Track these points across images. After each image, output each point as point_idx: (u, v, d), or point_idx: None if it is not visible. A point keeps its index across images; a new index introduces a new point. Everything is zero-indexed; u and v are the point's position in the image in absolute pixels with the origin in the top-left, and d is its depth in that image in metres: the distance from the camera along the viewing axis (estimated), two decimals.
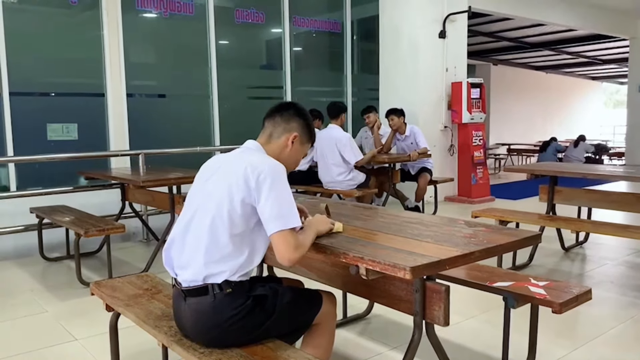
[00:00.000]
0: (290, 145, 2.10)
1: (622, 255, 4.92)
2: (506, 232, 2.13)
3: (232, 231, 1.86)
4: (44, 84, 5.91)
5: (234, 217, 1.86)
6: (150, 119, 6.60)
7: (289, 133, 2.10)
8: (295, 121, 2.11)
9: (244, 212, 1.86)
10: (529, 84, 17.83)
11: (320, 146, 5.82)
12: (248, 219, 1.87)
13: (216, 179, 1.95)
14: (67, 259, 4.97)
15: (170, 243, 2.02)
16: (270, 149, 2.08)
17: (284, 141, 2.09)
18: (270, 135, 2.11)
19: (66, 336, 3.21)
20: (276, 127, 2.11)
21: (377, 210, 2.74)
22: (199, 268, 1.88)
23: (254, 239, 1.91)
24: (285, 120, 2.11)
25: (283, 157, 2.08)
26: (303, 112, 2.16)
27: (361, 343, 3.08)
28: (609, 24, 11.47)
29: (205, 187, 1.98)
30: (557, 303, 2.30)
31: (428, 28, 7.72)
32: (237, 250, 1.88)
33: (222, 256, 1.87)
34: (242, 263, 1.88)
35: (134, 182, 4.54)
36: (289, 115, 2.12)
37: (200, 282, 1.88)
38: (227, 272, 1.87)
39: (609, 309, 3.56)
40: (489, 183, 8.24)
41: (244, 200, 1.85)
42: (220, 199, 1.88)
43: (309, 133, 2.16)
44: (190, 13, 6.70)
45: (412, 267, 1.66)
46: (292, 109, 2.14)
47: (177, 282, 1.98)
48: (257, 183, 1.84)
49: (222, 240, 1.87)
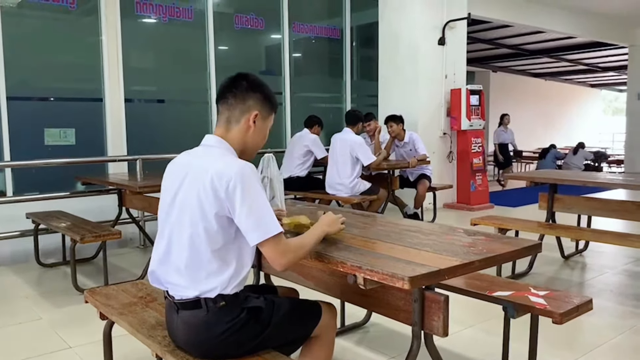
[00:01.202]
0: (253, 125, 1.92)
1: (621, 264, 4.89)
2: (506, 242, 2.10)
3: (213, 247, 1.77)
4: (41, 88, 5.89)
5: (211, 233, 1.76)
6: (148, 124, 6.57)
7: (248, 113, 1.90)
8: (251, 98, 1.91)
9: (221, 226, 1.76)
10: (528, 91, 17.85)
11: (333, 148, 5.91)
12: (226, 231, 1.78)
13: (184, 194, 1.82)
14: (63, 265, 4.93)
15: (155, 266, 1.93)
16: (231, 138, 1.91)
17: (245, 124, 1.91)
18: (228, 121, 1.92)
19: (60, 344, 3.17)
20: (232, 110, 1.91)
21: (376, 217, 2.71)
22: (190, 289, 1.81)
23: (239, 248, 1.82)
24: (240, 100, 1.90)
25: (247, 140, 1.93)
26: (257, 82, 1.94)
27: (359, 352, 3.04)
28: (608, 31, 11.49)
29: (175, 203, 1.85)
30: (557, 313, 2.27)
31: (427, 35, 7.71)
32: (223, 264, 1.80)
33: (208, 273, 1.79)
34: (231, 275, 1.81)
35: (131, 188, 4.51)
36: (242, 92, 1.90)
37: (192, 297, 1.82)
38: (219, 287, 1.80)
39: (608, 319, 3.53)
40: (488, 190, 8.22)
41: (217, 214, 1.74)
42: (193, 214, 1.77)
43: (270, 104, 1.96)
44: (189, 19, 6.70)
45: (410, 277, 1.62)
46: (244, 83, 1.92)
47: (169, 295, 1.91)
48: (226, 194, 1.71)
49: (205, 258, 1.78)
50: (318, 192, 6.06)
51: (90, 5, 6.00)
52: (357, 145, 5.72)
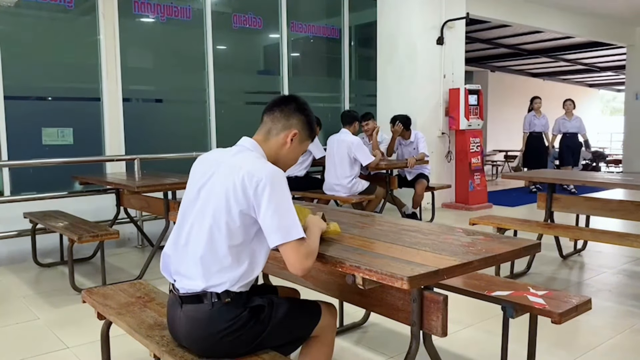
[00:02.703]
0: (289, 143, 2.00)
1: (620, 264, 4.89)
2: (505, 241, 2.09)
3: (231, 242, 1.80)
4: (39, 88, 5.87)
5: (232, 229, 1.80)
6: (146, 124, 6.55)
7: (288, 130, 1.99)
8: (295, 117, 2.00)
9: (243, 223, 1.80)
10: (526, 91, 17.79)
11: (330, 149, 5.89)
12: (247, 229, 1.81)
13: (211, 186, 1.87)
14: (61, 264, 4.92)
15: (169, 251, 1.96)
16: (267, 146, 1.98)
17: (283, 138, 1.99)
18: (268, 131, 2.00)
19: (58, 344, 3.16)
20: (275, 123, 2.00)
21: (375, 217, 2.71)
22: (199, 280, 1.83)
23: (254, 249, 1.85)
24: (285, 116, 2.00)
25: (281, 155, 2.00)
26: (304, 107, 2.05)
27: (358, 352, 3.03)
28: (606, 31, 11.50)
29: (200, 194, 1.90)
30: (556, 313, 2.26)
31: (426, 34, 7.71)
32: (236, 261, 1.82)
33: (221, 268, 1.81)
34: (242, 274, 1.83)
35: (129, 188, 4.50)
36: (289, 110, 2.01)
37: (198, 291, 1.84)
38: (227, 283, 1.82)
39: (607, 318, 3.53)
40: (487, 190, 8.22)
41: (242, 212, 1.78)
42: (217, 209, 1.81)
43: (309, 130, 2.05)
44: (187, 18, 6.68)
45: (409, 277, 1.62)
46: (293, 104, 2.02)
47: (174, 288, 1.93)
48: (255, 193, 1.76)
49: (221, 252, 1.81)
50: (316, 191, 6.06)
51: (88, 5, 5.98)
52: (355, 146, 5.71)
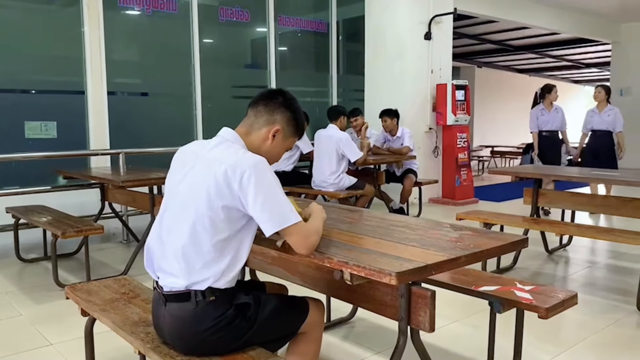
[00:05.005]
0: (271, 139, 1.92)
1: (604, 258, 4.94)
2: (493, 237, 2.09)
3: (217, 237, 1.76)
4: (22, 81, 5.77)
5: (217, 223, 1.75)
6: (131, 117, 6.48)
7: (271, 126, 1.92)
8: (280, 113, 1.93)
9: (228, 217, 1.76)
10: (512, 87, 17.95)
11: (318, 144, 5.87)
12: (234, 222, 1.78)
13: (191, 179, 1.82)
14: (44, 260, 4.85)
15: (152, 245, 1.92)
16: (249, 140, 1.91)
17: (265, 134, 1.92)
18: (251, 125, 1.93)
19: (41, 340, 3.11)
20: (258, 117, 1.93)
21: (363, 212, 2.69)
22: (182, 276, 1.79)
23: (238, 244, 1.82)
24: (269, 110, 1.93)
25: (263, 151, 1.91)
26: (291, 102, 1.97)
27: (345, 348, 3.03)
28: (591, 28, 11.60)
29: (180, 188, 1.86)
30: (543, 308, 2.27)
31: (414, 29, 7.70)
32: (219, 255, 1.78)
33: (204, 263, 1.78)
34: (225, 267, 1.79)
35: (114, 182, 4.44)
36: (274, 105, 1.93)
37: (182, 289, 1.80)
38: (211, 279, 1.78)
39: (592, 313, 3.56)
40: (473, 185, 8.26)
41: (226, 206, 1.74)
42: (199, 206, 1.76)
43: (294, 126, 1.97)
44: (173, 10, 6.60)
45: (397, 273, 1.61)
46: (280, 98, 1.95)
47: (158, 286, 1.89)
48: (240, 185, 1.71)
49: (205, 247, 1.77)
50: (304, 187, 6.04)
51: None
52: (344, 142, 5.69)
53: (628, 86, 12.44)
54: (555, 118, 6.98)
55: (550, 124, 6.99)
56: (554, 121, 6.98)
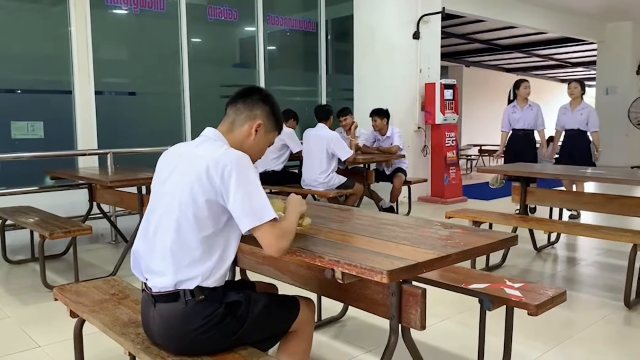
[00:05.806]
0: (254, 134, 1.96)
1: (592, 256, 4.99)
2: (482, 234, 2.10)
3: (202, 233, 1.77)
4: (8, 80, 5.71)
5: (201, 219, 1.76)
6: (119, 117, 6.44)
7: (252, 121, 1.95)
8: (259, 108, 1.97)
9: (212, 212, 1.76)
10: (500, 86, 18.04)
11: (307, 143, 5.85)
12: (217, 218, 1.78)
13: (176, 178, 1.84)
14: (32, 261, 4.80)
15: (138, 247, 1.92)
16: (231, 138, 1.94)
17: (247, 129, 1.95)
18: (232, 123, 1.96)
19: (29, 342, 3.08)
20: (238, 114, 1.96)
21: (353, 211, 2.70)
22: (170, 275, 1.79)
23: (224, 241, 1.82)
24: (248, 107, 1.96)
25: (246, 147, 1.94)
26: (269, 97, 2.01)
27: (336, 346, 3.03)
28: (578, 27, 11.71)
29: (165, 188, 1.87)
30: (532, 305, 2.28)
31: (402, 29, 7.72)
32: (206, 252, 1.78)
33: (192, 260, 1.78)
34: (213, 266, 1.79)
35: (102, 182, 4.41)
36: (252, 101, 1.97)
37: (171, 288, 1.80)
38: (199, 277, 1.78)
39: (580, 310, 3.59)
40: (462, 184, 8.30)
41: (209, 200, 1.75)
42: (182, 201, 1.77)
43: (275, 121, 2.01)
44: (161, 9, 6.57)
45: (389, 271, 1.61)
46: (257, 95, 1.99)
47: (146, 287, 1.88)
48: (222, 179, 1.73)
49: (191, 244, 1.77)
50: (294, 186, 6.03)
51: None
52: (334, 140, 5.70)
53: (614, 85, 12.57)
54: (528, 115, 6.51)
55: (522, 122, 6.52)
56: (526, 119, 6.51)
